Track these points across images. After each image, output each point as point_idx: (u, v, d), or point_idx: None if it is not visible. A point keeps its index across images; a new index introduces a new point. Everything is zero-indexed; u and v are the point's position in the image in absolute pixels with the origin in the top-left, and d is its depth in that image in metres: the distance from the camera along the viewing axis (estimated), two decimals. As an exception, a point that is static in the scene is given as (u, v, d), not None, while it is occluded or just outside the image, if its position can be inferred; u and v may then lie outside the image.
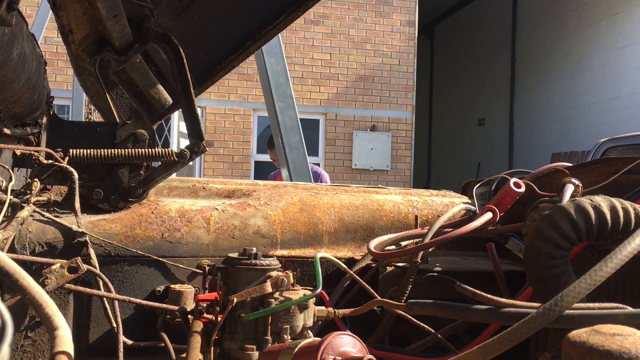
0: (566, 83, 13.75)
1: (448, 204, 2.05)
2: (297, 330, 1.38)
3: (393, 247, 1.76)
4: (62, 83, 10.62)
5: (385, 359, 1.51)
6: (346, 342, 1.11)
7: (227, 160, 12.16)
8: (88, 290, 1.43)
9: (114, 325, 1.45)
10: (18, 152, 1.62)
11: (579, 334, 0.82)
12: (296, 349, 1.18)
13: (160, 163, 1.76)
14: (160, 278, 1.61)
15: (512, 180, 1.69)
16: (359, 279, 1.62)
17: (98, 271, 1.46)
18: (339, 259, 1.69)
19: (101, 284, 1.46)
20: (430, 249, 1.71)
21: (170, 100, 2.01)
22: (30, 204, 1.51)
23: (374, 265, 1.77)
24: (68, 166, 1.62)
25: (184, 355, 1.32)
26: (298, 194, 1.91)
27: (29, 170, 1.78)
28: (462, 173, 16.62)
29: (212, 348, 1.36)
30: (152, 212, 1.67)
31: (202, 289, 1.56)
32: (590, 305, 1.06)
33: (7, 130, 1.54)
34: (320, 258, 1.52)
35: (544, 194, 1.69)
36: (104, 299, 1.46)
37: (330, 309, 1.49)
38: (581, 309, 1.04)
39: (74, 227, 1.51)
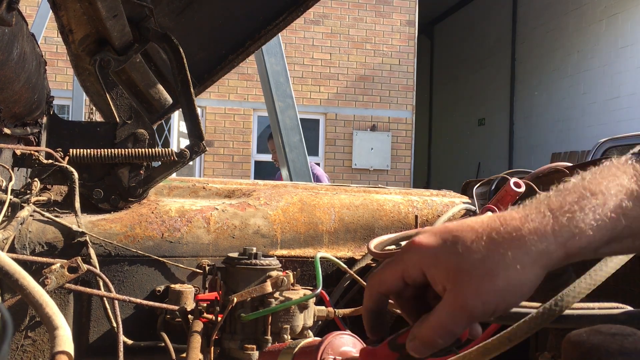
0: (566, 83, 13.74)
1: (448, 204, 2.05)
2: (297, 330, 1.38)
3: (393, 247, 1.76)
4: (62, 83, 10.61)
5: (385, 358, 1.51)
6: (346, 342, 1.11)
7: (227, 160, 12.16)
8: (88, 290, 1.43)
9: (114, 325, 1.45)
10: (18, 152, 1.62)
11: (579, 333, 0.82)
12: (296, 349, 1.18)
13: (160, 163, 1.76)
14: (160, 278, 1.61)
15: (512, 180, 1.69)
16: (359, 279, 1.62)
17: (98, 271, 1.46)
18: (339, 258, 1.69)
19: (101, 283, 1.46)
20: (430, 249, 1.70)
21: (170, 100, 2.01)
22: (30, 204, 1.51)
23: (374, 265, 1.77)
24: (68, 166, 1.61)
25: (184, 355, 1.32)
26: (298, 193, 1.91)
27: (29, 170, 1.78)
28: (462, 173, 16.61)
29: (212, 348, 1.36)
30: (152, 212, 1.67)
31: (202, 288, 1.55)
32: (590, 305, 1.05)
33: (7, 130, 1.54)
34: (320, 258, 1.52)
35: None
36: (104, 298, 1.46)
37: (330, 309, 1.49)
38: (581, 309, 1.03)
39: (74, 227, 1.51)
